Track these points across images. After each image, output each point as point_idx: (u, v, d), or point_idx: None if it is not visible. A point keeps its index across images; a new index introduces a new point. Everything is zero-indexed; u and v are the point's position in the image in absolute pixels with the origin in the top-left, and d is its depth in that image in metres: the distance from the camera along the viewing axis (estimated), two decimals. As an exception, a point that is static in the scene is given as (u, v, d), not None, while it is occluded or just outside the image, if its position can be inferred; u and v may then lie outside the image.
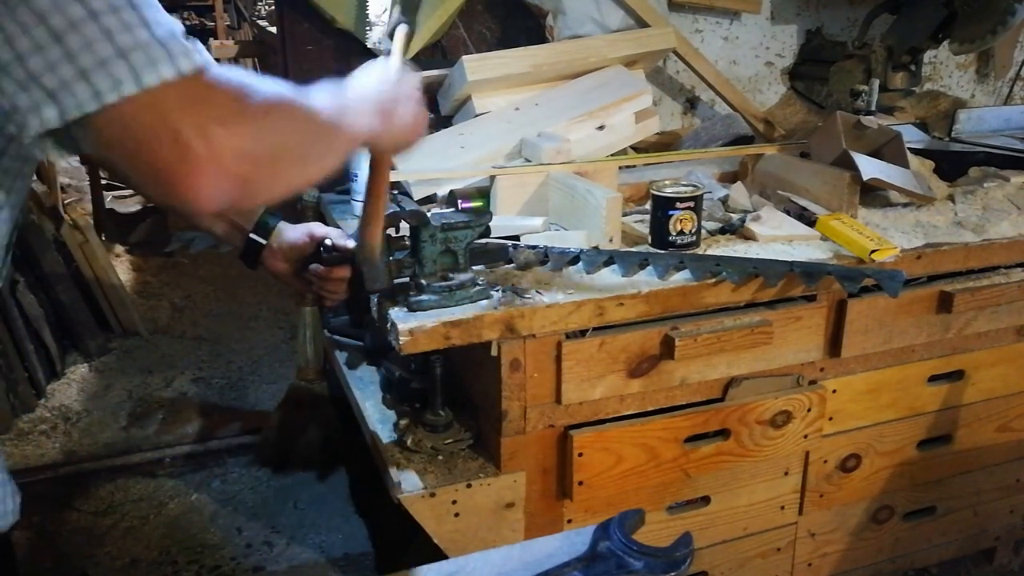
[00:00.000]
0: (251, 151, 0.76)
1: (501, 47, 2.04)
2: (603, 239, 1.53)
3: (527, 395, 1.42)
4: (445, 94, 1.96)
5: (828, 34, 2.40)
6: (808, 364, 1.62)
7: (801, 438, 1.65)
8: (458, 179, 1.72)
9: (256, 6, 5.94)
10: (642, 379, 1.48)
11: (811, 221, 1.65)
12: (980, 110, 2.34)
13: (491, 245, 1.42)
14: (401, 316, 1.30)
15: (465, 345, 1.32)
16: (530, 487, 1.49)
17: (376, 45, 1.96)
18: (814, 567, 1.83)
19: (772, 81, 2.43)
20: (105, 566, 2.17)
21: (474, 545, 1.44)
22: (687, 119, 2.38)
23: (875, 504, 1.84)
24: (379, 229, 1.25)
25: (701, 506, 1.64)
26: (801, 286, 1.48)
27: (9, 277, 2.91)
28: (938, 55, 2.53)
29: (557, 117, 1.84)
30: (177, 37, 0.73)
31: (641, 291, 1.41)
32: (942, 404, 1.80)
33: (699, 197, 1.54)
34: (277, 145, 0.81)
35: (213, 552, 2.23)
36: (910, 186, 1.75)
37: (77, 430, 2.77)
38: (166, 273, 4.08)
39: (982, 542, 2.05)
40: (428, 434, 1.51)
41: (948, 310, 1.66)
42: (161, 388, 3.04)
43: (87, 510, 2.38)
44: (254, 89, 0.79)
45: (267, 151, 0.79)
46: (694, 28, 2.28)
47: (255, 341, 3.41)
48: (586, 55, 1.94)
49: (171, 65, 0.72)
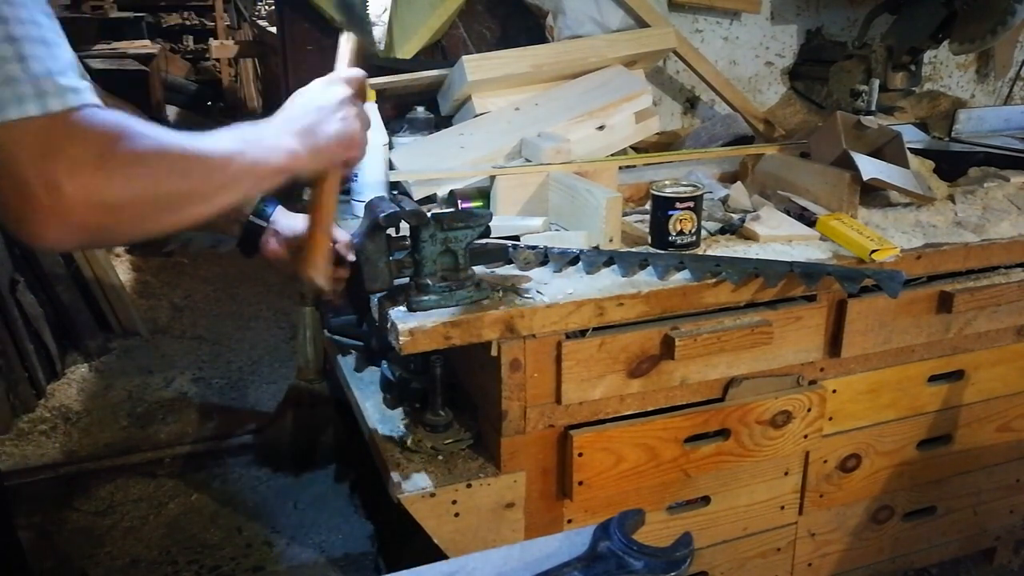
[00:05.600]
0: (106, 200, 0.76)
1: (501, 47, 2.04)
2: (603, 239, 1.53)
3: (527, 395, 1.42)
4: (445, 94, 1.96)
5: (828, 34, 2.40)
6: (808, 364, 1.62)
7: (801, 438, 1.65)
8: (458, 179, 1.72)
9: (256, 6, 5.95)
10: (642, 379, 1.48)
11: (811, 221, 1.65)
12: (980, 110, 2.34)
13: (491, 245, 1.42)
14: (401, 316, 1.30)
15: (465, 345, 1.32)
16: (530, 487, 1.49)
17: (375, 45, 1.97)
18: (814, 567, 1.83)
19: (772, 81, 2.43)
20: (105, 566, 2.17)
21: (474, 545, 1.44)
22: (687, 119, 2.38)
23: (875, 504, 1.84)
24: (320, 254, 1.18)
25: (701, 506, 1.64)
26: (801, 286, 1.48)
27: (9, 277, 2.91)
28: (938, 55, 2.53)
29: (557, 117, 1.84)
30: (53, 76, 0.73)
31: (641, 291, 1.41)
32: (942, 404, 1.80)
33: (699, 197, 1.54)
34: (145, 191, 0.80)
35: (213, 552, 2.23)
36: (910, 186, 1.75)
37: (77, 430, 2.77)
38: (166, 273, 4.08)
39: (982, 542, 2.05)
40: (428, 434, 1.51)
41: (948, 310, 1.66)
42: (161, 388, 3.04)
43: (87, 510, 2.38)
44: (131, 136, 0.78)
45: (130, 198, 0.78)
46: (694, 28, 2.28)
47: (255, 341, 3.41)
48: (586, 55, 1.94)
49: (37, 104, 0.71)
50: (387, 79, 1.90)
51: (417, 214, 1.28)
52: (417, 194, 1.73)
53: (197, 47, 7.56)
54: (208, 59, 7.31)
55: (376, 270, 1.29)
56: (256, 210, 1.31)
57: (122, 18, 6.24)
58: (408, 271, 1.32)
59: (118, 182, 0.77)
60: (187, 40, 7.70)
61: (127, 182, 0.78)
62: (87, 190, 0.74)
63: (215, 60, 7.03)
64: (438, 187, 1.74)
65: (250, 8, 6.27)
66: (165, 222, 0.85)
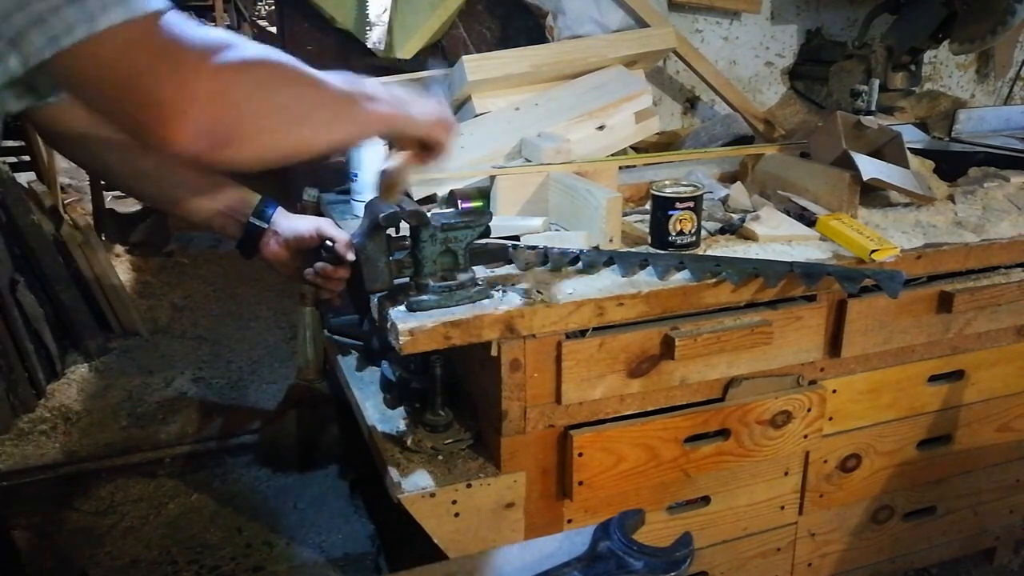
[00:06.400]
0: (230, 96, 0.75)
1: (501, 47, 2.04)
2: (603, 239, 1.53)
3: (527, 395, 1.42)
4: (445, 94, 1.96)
5: (828, 34, 2.40)
6: (808, 364, 1.62)
7: (801, 438, 1.65)
8: (458, 179, 1.72)
9: (256, 6, 5.95)
10: (642, 379, 1.48)
11: (811, 221, 1.65)
12: (980, 110, 2.34)
13: (491, 245, 1.42)
14: (401, 316, 1.30)
15: (465, 345, 1.32)
16: (530, 487, 1.49)
17: (375, 45, 1.97)
18: (814, 567, 1.83)
19: (772, 81, 2.43)
20: (105, 566, 2.17)
21: (474, 545, 1.44)
22: (687, 119, 2.38)
23: (875, 504, 1.84)
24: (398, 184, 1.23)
25: (701, 506, 1.64)
26: (801, 286, 1.48)
27: (9, 277, 2.91)
28: (938, 55, 2.53)
29: (557, 117, 1.84)
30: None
31: (641, 291, 1.41)
32: (942, 404, 1.80)
33: (699, 197, 1.54)
34: (263, 98, 0.79)
35: (213, 552, 2.23)
36: (910, 186, 1.75)
37: (77, 430, 2.77)
38: (166, 273, 4.07)
39: (982, 542, 2.05)
40: (428, 434, 1.51)
41: (948, 310, 1.66)
42: (161, 388, 3.04)
43: (87, 510, 2.38)
44: (241, 43, 0.77)
45: (251, 101, 0.77)
46: (694, 28, 2.28)
47: (255, 341, 3.41)
48: (586, 55, 1.94)
49: (125, 7, 0.70)
50: (387, 79, 1.90)
51: (417, 214, 1.28)
52: (417, 194, 1.73)
53: (197, 47, 7.55)
54: (208, 59, 7.30)
55: (376, 270, 1.29)
56: (256, 211, 1.31)
57: (122, 18, 6.23)
58: (408, 271, 1.32)
59: (242, 79, 0.76)
60: (187, 40, 7.69)
61: (251, 80, 0.77)
62: (212, 81, 0.73)
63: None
64: (438, 187, 1.74)
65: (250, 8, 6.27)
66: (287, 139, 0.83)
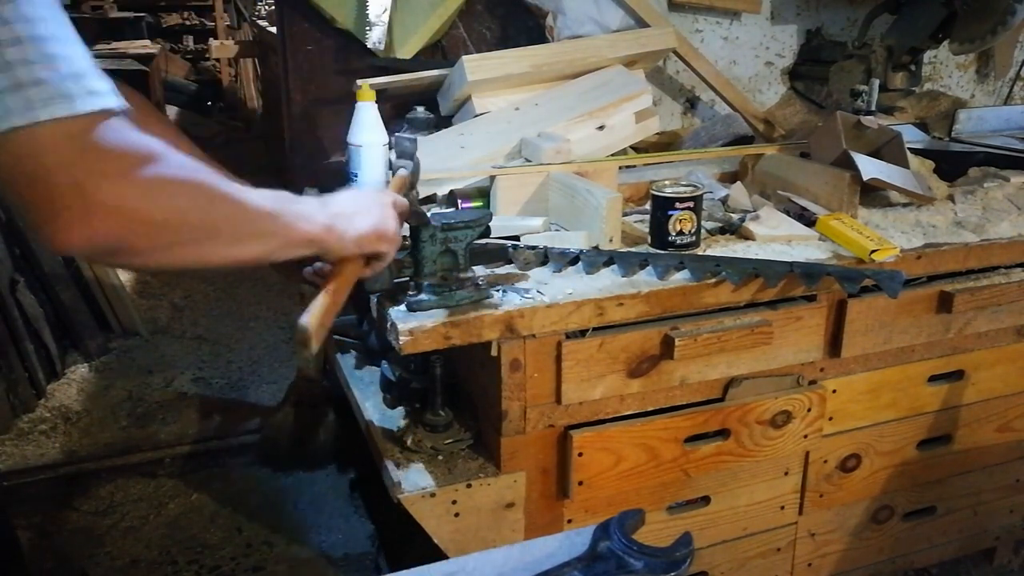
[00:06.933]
0: (135, 213, 0.74)
1: (501, 47, 2.04)
2: (603, 239, 1.53)
3: (527, 395, 1.42)
4: (445, 94, 1.96)
5: (828, 34, 2.40)
6: (808, 364, 1.62)
7: (801, 438, 1.65)
8: (458, 179, 1.72)
9: (256, 6, 5.95)
10: (642, 379, 1.48)
11: (811, 221, 1.65)
12: (980, 110, 2.34)
13: (491, 245, 1.43)
14: (401, 316, 1.30)
15: (465, 345, 1.32)
16: (530, 487, 1.49)
17: (375, 45, 1.97)
18: (814, 567, 1.83)
19: (772, 81, 2.43)
20: (105, 566, 2.17)
21: (474, 545, 1.44)
22: (687, 119, 2.38)
23: (875, 504, 1.84)
24: (320, 321, 1.05)
25: (701, 506, 1.64)
26: (801, 286, 1.48)
27: (9, 277, 2.91)
28: (938, 55, 2.52)
29: (557, 117, 1.84)
30: (82, 78, 0.72)
31: (641, 291, 1.41)
32: (942, 404, 1.80)
33: (699, 197, 1.54)
34: (175, 214, 0.78)
35: (213, 552, 2.23)
36: (910, 186, 1.75)
37: (77, 430, 2.77)
38: (166, 273, 4.06)
39: (982, 542, 2.05)
40: (428, 434, 1.51)
41: (948, 310, 1.66)
42: (161, 388, 3.04)
43: (87, 510, 2.38)
44: (166, 159, 0.77)
45: (159, 217, 0.77)
46: (694, 28, 2.28)
47: (255, 341, 3.41)
48: (586, 55, 1.94)
49: (67, 105, 0.70)
50: (387, 79, 1.90)
51: (417, 214, 1.28)
52: (417, 194, 1.73)
53: (197, 47, 7.55)
54: (208, 59, 7.30)
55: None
56: None
57: (122, 18, 6.24)
58: (408, 271, 1.32)
59: (149, 197, 0.75)
60: (187, 40, 7.69)
61: (158, 199, 0.76)
62: (117, 198, 0.73)
63: (215, 60, 7.02)
64: (438, 187, 1.74)
65: (250, 8, 6.27)
66: (187, 254, 0.83)
